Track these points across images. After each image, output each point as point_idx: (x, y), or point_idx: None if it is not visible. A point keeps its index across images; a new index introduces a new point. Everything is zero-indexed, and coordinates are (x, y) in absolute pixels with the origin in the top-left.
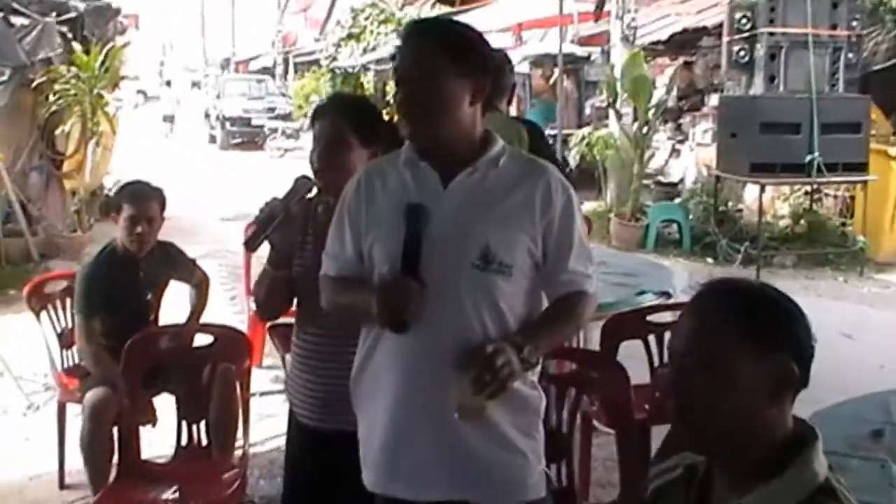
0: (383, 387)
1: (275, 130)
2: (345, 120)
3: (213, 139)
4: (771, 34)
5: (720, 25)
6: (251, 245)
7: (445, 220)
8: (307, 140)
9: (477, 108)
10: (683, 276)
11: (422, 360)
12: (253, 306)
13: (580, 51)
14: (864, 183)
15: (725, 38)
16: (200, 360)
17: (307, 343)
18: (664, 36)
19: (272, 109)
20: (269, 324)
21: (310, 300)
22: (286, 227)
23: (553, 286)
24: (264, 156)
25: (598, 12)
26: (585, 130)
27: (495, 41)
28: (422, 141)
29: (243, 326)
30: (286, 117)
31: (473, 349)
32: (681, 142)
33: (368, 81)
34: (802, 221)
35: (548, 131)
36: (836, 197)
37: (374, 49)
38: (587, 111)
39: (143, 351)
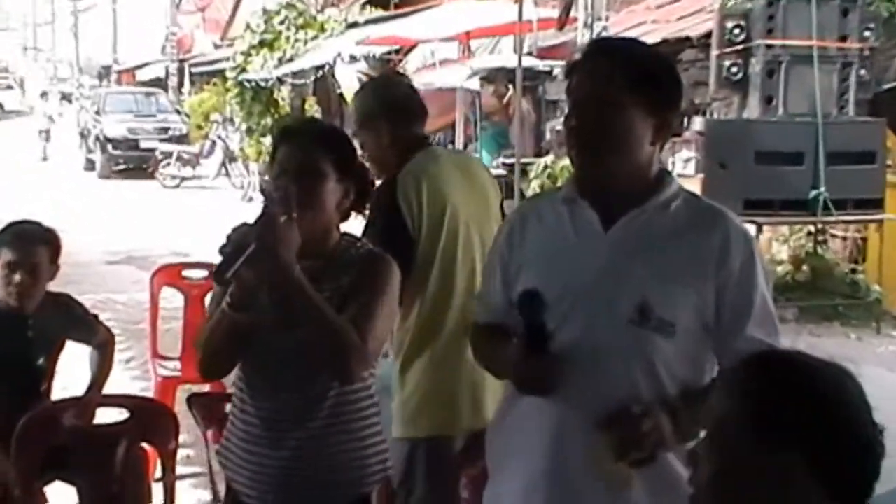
0: (519, 449)
1: (168, 155)
2: (320, 146)
3: (90, 165)
4: (769, 47)
5: (707, 35)
6: (223, 274)
7: (601, 269)
8: (208, 167)
9: (657, 147)
10: None
11: (564, 425)
12: (162, 370)
13: (541, 64)
14: (879, 222)
15: (714, 51)
16: (112, 442)
17: (260, 409)
18: None
19: (165, 130)
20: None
21: (259, 361)
22: (258, 260)
23: (726, 355)
24: (155, 186)
25: (563, 19)
26: (547, 159)
27: (439, 52)
28: (592, 176)
29: (150, 394)
30: (182, 139)
31: (618, 408)
32: None
33: (283, 98)
34: (805, 267)
35: (501, 159)
36: (845, 239)
37: (291, 59)
38: (547, 136)
39: (42, 432)
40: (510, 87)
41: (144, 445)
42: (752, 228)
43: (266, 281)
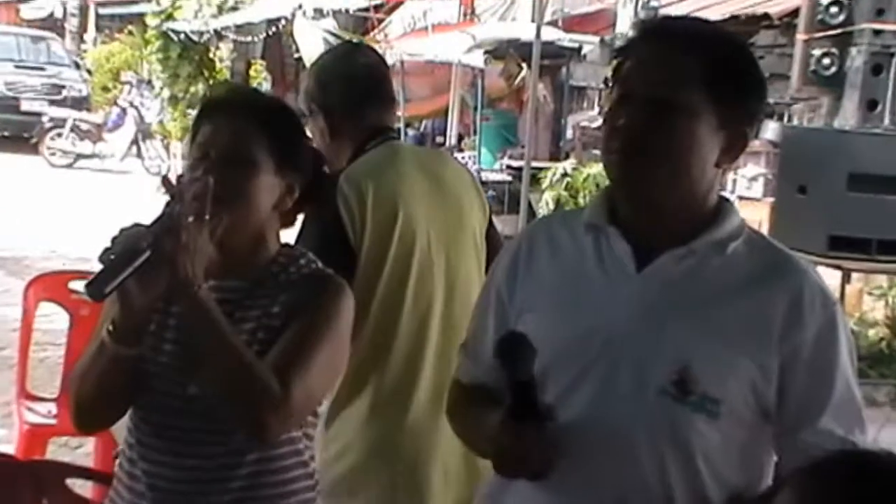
0: None
1: (60, 123)
2: (255, 127)
3: None
4: (877, 33)
5: (791, 13)
6: (99, 289)
7: (629, 319)
8: (115, 143)
9: (721, 170)
10: None
11: None
12: (30, 416)
13: (566, 39)
14: None
15: (800, 35)
16: None
17: (153, 476)
18: None
19: (57, 89)
20: None
21: (153, 411)
22: (153, 275)
23: (789, 452)
24: (39, 163)
25: None
26: (566, 164)
27: (433, 14)
28: (632, 197)
29: (10, 448)
30: (80, 103)
31: None
32: None
33: (222, 58)
34: None
35: (506, 161)
36: None
37: (235, 8)
38: (569, 133)
39: None
40: (524, 65)
41: None
42: (836, 276)
43: (162, 303)
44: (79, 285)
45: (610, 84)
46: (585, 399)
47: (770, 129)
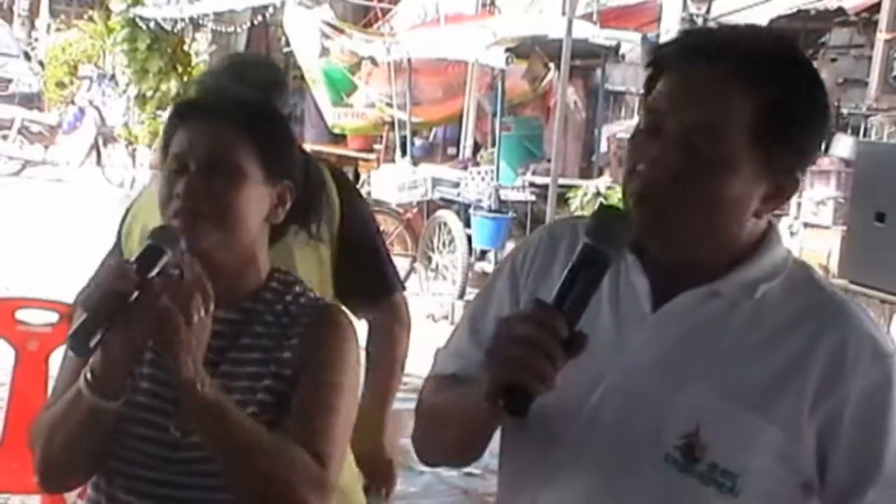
0: None
1: (6, 124)
2: (239, 130)
3: None
4: None
5: (872, 8)
6: (83, 342)
7: (637, 369)
8: (71, 148)
9: (761, 219)
10: None
11: None
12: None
13: (602, 36)
14: None
15: (882, 35)
16: None
17: None
18: (759, 22)
19: (3, 82)
20: None
21: (130, 472)
22: (136, 321)
23: None
24: None
25: None
26: (599, 182)
27: (447, 3)
28: (655, 248)
29: None
30: (30, 100)
31: None
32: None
33: (199, 51)
34: None
35: (529, 177)
36: None
37: None
38: (603, 145)
39: None
40: (551, 66)
41: None
42: None
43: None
44: (28, 315)
45: (641, 98)
46: (584, 463)
47: (842, 145)
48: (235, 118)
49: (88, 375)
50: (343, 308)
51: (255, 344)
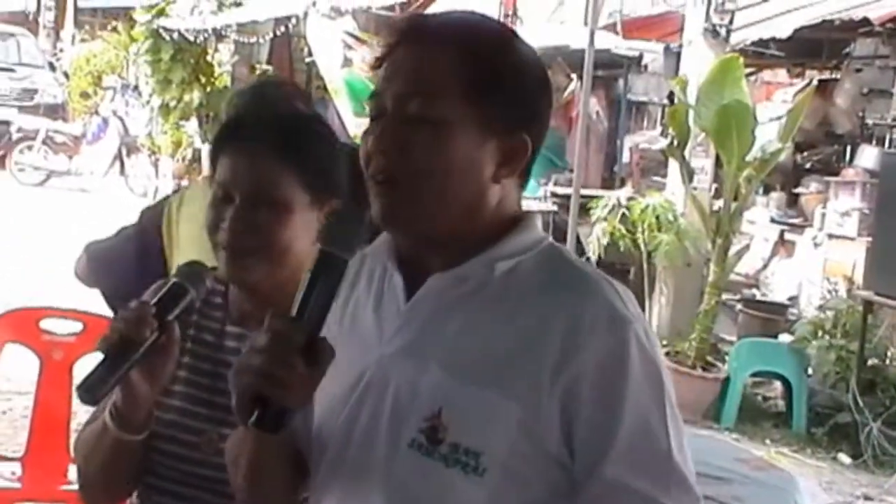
0: None
1: (31, 134)
2: (285, 160)
3: None
4: None
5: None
6: (93, 391)
7: (388, 362)
8: (95, 159)
9: (509, 183)
10: (805, 487)
11: None
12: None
13: (624, 46)
14: None
15: None
16: None
17: None
18: (783, 32)
19: (29, 94)
20: None
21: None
22: (159, 360)
23: None
24: (6, 179)
25: None
26: (621, 193)
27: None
28: (396, 231)
29: None
30: (55, 111)
31: None
32: (797, 228)
33: (222, 62)
34: None
35: (551, 187)
36: None
37: (238, 4)
38: (625, 156)
39: None
40: (573, 76)
41: None
42: None
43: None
44: (52, 324)
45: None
46: (350, 459)
47: (867, 155)
48: (280, 145)
49: (113, 410)
50: None
51: None
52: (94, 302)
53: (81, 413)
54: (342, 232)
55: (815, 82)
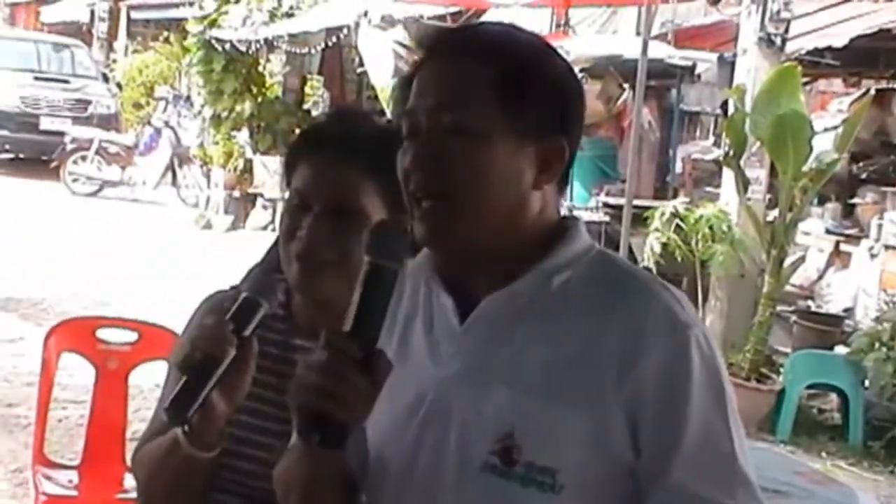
0: None
1: (85, 145)
2: (363, 171)
3: None
4: None
5: None
6: (182, 411)
7: (449, 385)
8: (147, 169)
9: (549, 190)
10: (865, 501)
11: None
12: (47, 486)
13: (677, 56)
14: None
15: None
16: None
17: None
18: (839, 41)
19: (82, 104)
20: None
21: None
22: (237, 377)
23: None
24: (60, 190)
25: None
26: (677, 203)
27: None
28: (438, 248)
29: None
30: (108, 121)
31: None
32: (853, 239)
33: (273, 72)
34: None
35: (603, 197)
36: None
37: (290, 15)
38: (678, 166)
39: None
40: (626, 86)
41: None
42: None
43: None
44: (108, 334)
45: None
46: (417, 484)
47: None
48: (358, 156)
49: (186, 427)
50: None
51: None
52: (150, 312)
53: (136, 422)
54: (390, 243)
55: (872, 92)
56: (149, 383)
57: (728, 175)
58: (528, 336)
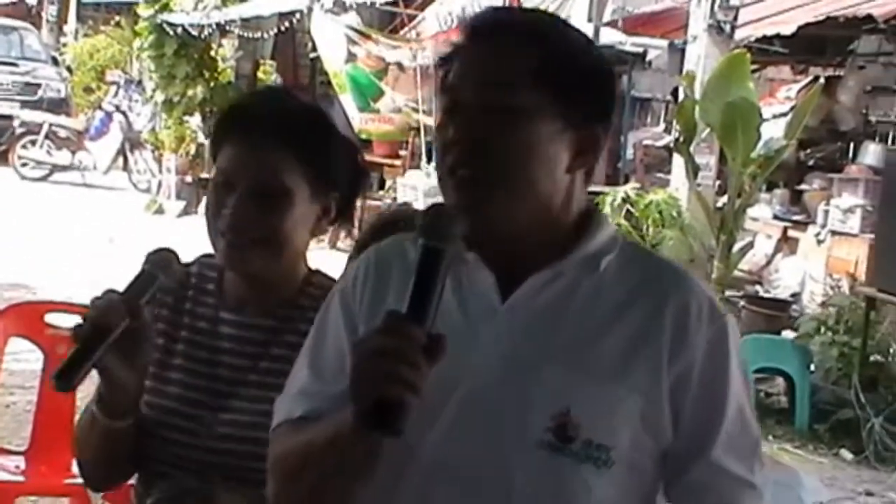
0: None
1: (34, 129)
2: (287, 151)
3: None
4: None
5: None
6: (68, 378)
7: (494, 364)
8: (98, 154)
9: (577, 177)
10: (808, 484)
11: None
12: None
13: (628, 42)
14: None
15: None
16: None
17: None
18: (787, 29)
19: (32, 88)
20: None
21: (165, 464)
22: (132, 346)
23: (682, 489)
24: (8, 175)
25: None
26: (627, 188)
27: (473, 10)
28: (477, 221)
29: None
30: (58, 105)
31: None
32: (800, 225)
33: (226, 57)
34: None
35: None
36: None
37: None
38: (629, 152)
39: None
40: None
41: None
42: None
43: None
44: (57, 318)
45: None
46: (458, 455)
47: (870, 153)
48: (283, 136)
49: (98, 398)
50: None
51: (287, 355)
52: (95, 292)
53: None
54: (443, 226)
55: (822, 80)
56: None
57: (678, 161)
58: (579, 317)
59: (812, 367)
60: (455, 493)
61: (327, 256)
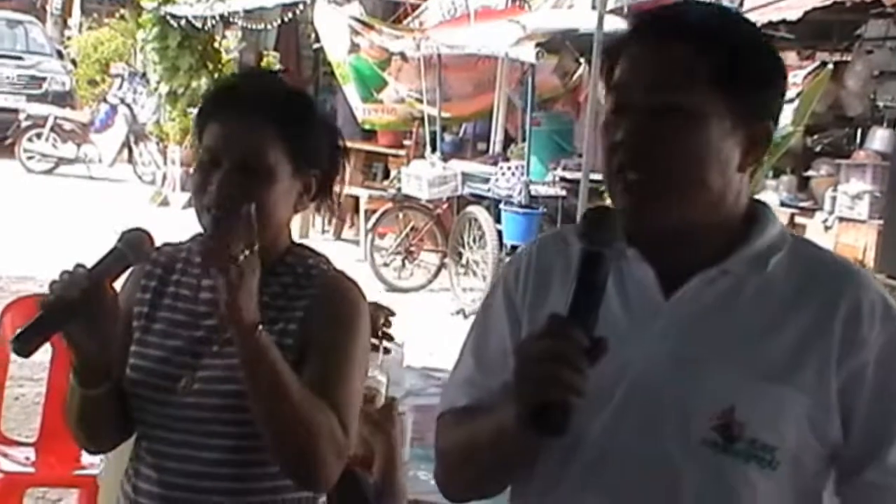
0: None
1: (39, 122)
2: (271, 128)
3: None
4: None
5: None
6: (24, 344)
7: (658, 359)
8: (103, 146)
9: (746, 174)
10: None
11: None
12: (3, 464)
13: None
14: None
15: None
16: None
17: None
18: (792, 14)
19: (37, 82)
20: None
21: (152, 423)
22: (94, 317)
23: (855, 490)
24: (15, 168)
25: None
26: None
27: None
28: (647, 222)
29: None
30: (63, 98)
31: None
32: (807, 212)
33: (229, 49)
34: None
35: (560, 172)
36: None
37: None
38: None
39: None
40: (582, 61)
41: None
42: None
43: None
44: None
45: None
46: (619, 454)
47: (878, 138)
48: (267, 114)
49: (72, 369)
50: (353, 279)
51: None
52: None
53: None
54: (604, 229)
55: (830, 66)
56: None
57: None
58: (746, 316)
59: None
60: (617, 486)
61: (332, 247)
